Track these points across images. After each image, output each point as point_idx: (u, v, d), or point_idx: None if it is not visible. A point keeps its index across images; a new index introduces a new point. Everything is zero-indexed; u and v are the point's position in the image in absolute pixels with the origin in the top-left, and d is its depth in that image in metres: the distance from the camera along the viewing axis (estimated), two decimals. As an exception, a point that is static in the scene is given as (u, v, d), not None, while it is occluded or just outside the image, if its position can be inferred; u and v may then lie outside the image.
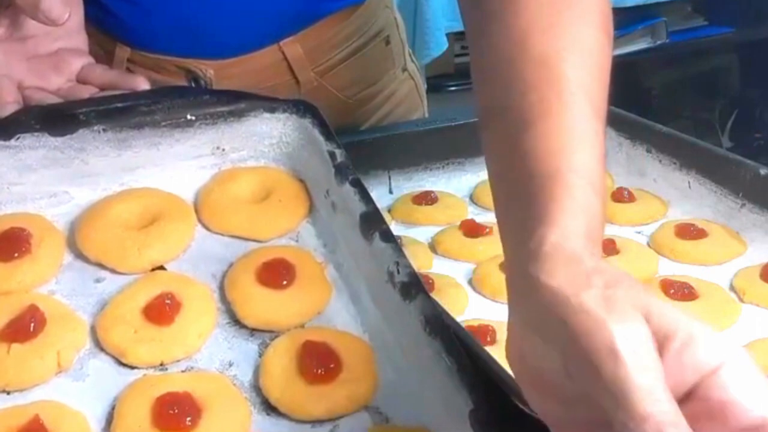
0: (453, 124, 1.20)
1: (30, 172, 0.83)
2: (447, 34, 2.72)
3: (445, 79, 3.00)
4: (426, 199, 1.13)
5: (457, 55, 3.08)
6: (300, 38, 1.15)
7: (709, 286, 0.94)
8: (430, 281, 0.94)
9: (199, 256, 0.84)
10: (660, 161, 1.14)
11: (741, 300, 0.94)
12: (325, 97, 1.15)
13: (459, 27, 2.76)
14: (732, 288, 0.96)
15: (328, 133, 0.85)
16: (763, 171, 1.02)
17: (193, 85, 1.13)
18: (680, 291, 0.92)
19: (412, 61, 1.35)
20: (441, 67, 2.93)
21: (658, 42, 3.16)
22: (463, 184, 1.20)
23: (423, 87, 1.38)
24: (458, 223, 1.08)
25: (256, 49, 1.14)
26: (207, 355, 0.75)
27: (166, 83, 0.94)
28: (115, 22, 1.10)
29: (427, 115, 1.37)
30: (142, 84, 0.93)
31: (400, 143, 1.18)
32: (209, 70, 1.13)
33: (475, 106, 0.70)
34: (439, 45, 2.69)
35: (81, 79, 0.94)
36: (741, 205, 1.04)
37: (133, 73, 0.99)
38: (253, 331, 0.77)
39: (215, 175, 0.89)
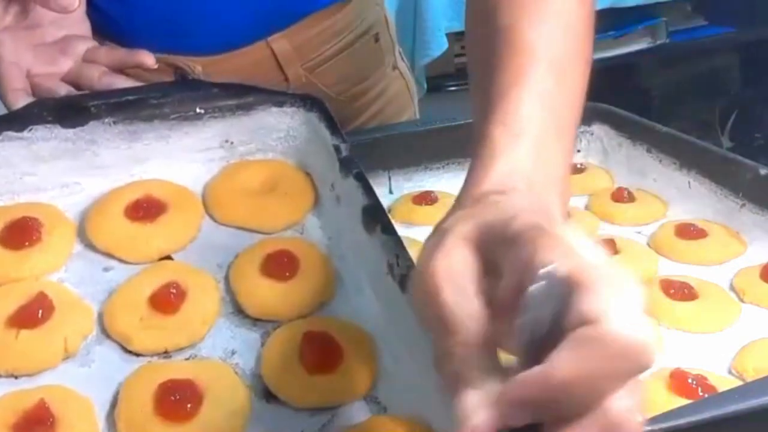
0: (453, 124, 1.15)
1: (42, 163, 0.81)
2: (447, 34, 2.65)
3: (445, 79, 2.94)
4: (426, 199, 1.09)
5: (457, 55, 3.03)
6: (288, 34, 1.10)
7: (709, 286, 0.91)
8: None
9: (205, 246, 0.81)
10: (660, 161, 1.11)
11: (741, 300, 0.90)
12: (314, 94, 1.11)
13: (459, 27, 2.76)
14: (732, 288, 0.92)
15: (333, 127, 0.83)
16: (763, 171, 0.99)
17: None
18: (680, 291, 0.88)
19: (403, 60, 1.30)
20: (441, 67, 2.87)
21: (658, 42, 3.11)
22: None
23: (414, 87, 1.33)
24: (458, 223, 1.03)
25: (244, 44, 1.09)
26: (210, 343, 0.73)
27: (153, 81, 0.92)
28: (102, 19, 1.04)
29: (417, 115, 1.32)
30: (148, 59, 0.90)
31: (400, 143, 1.14)
32: (197, 67, 1.08)
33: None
34: (439, 45, 2.63)
35: (87, 60, 0.91)
36: (741, 205, 1.01)
37: (135, 53, 0.96)
38: (256, 321, 0.75)
39: (223, 167, 0.87)
